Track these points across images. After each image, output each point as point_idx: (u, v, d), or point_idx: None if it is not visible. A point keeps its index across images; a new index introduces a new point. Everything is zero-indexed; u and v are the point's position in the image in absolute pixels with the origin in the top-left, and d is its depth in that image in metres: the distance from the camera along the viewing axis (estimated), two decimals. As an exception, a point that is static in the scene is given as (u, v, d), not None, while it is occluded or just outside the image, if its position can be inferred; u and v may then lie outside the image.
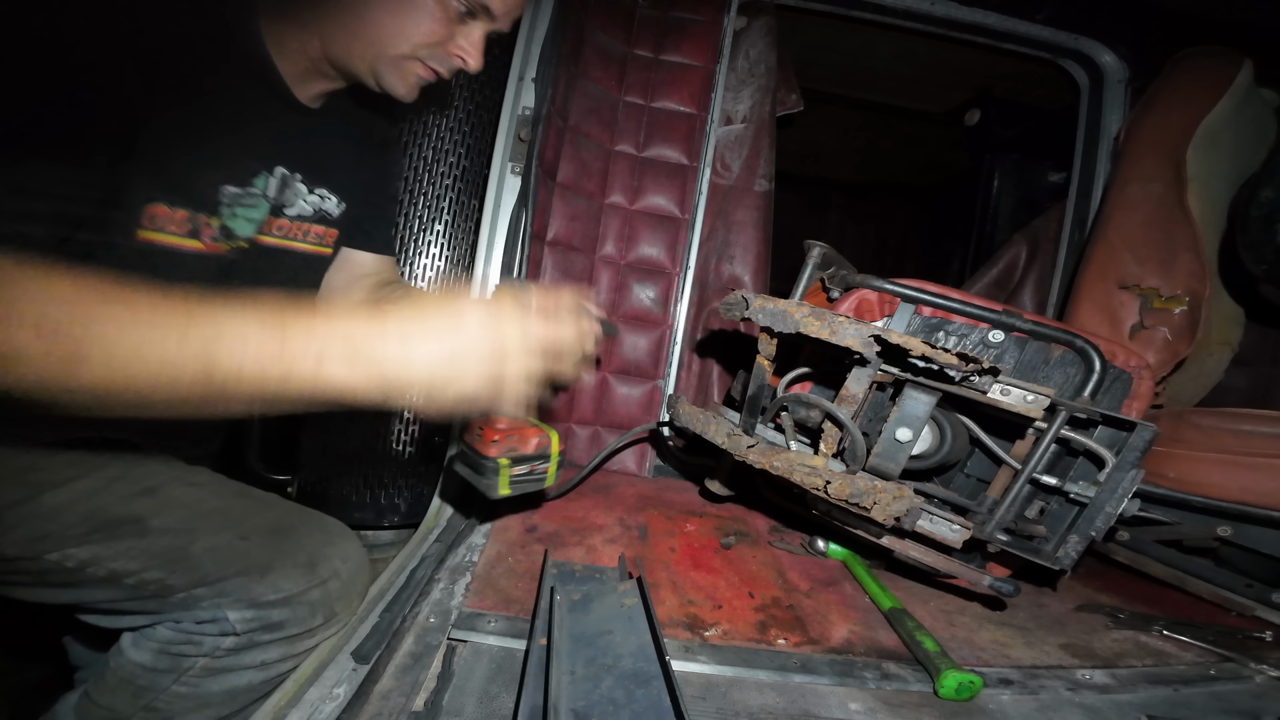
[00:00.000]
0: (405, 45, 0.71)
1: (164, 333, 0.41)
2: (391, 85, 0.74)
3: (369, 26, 0.70)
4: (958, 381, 0.73)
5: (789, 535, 1.11)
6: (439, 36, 0.72)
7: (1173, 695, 0.75)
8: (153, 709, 0.69)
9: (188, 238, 0.70)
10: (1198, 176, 1.23)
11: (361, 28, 0.70)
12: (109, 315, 0.40)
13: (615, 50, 1.37)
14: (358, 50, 0.71)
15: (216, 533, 0.70)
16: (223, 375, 0.42)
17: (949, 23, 1.52)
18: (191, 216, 0.69)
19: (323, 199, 0.84)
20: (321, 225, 0.87)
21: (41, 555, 0.63)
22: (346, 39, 0.70)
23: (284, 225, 0.83)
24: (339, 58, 0.72)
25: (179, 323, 0.42)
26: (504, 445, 0.72)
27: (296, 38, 0.71)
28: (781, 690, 0.67)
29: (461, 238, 1.29)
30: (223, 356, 0.42)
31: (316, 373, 0.44)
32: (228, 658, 0.70)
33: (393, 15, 0.69)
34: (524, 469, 0.74)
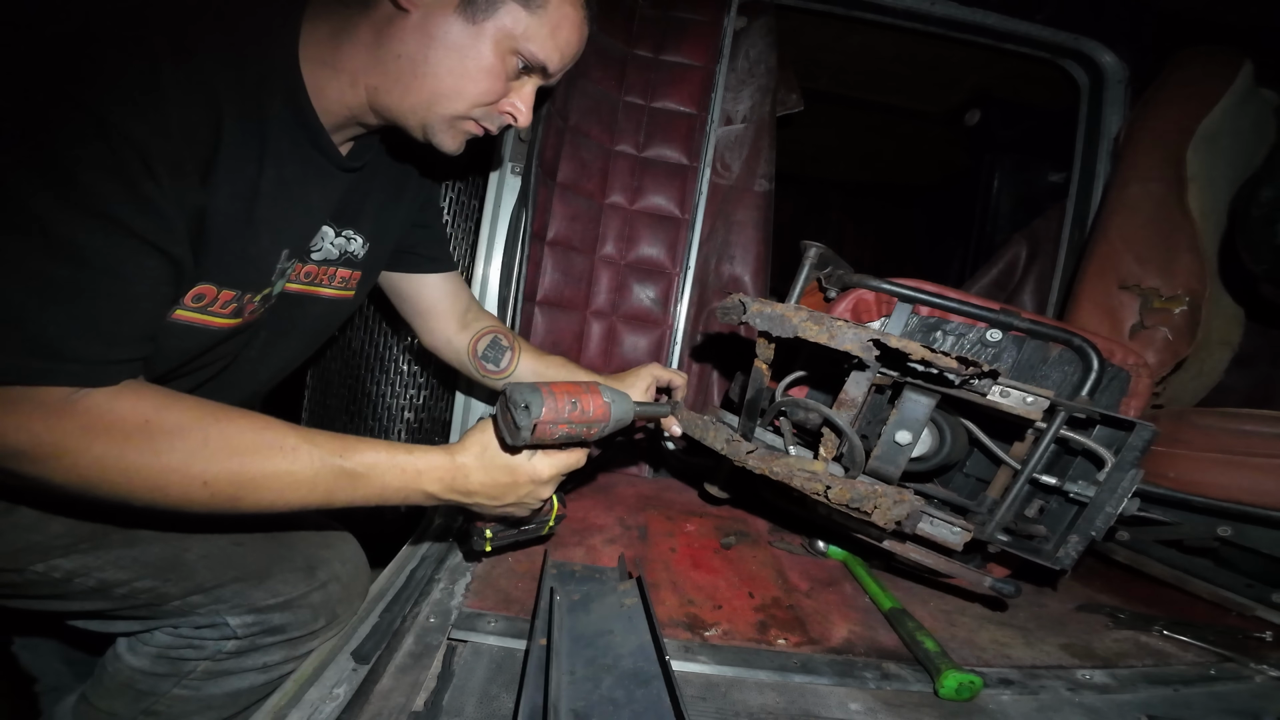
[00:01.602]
0: (462, 105, 0.68)
1: (302, 481, 0.57)
2: (441, 142, 0.71)
3: (427, 83, 0.66)
4: (957, 385, 0.73)
5: (789, 535, 1.11)
6: (496, 94, 0.69)
7: (1173, 695, 0.75)
8: (154, 712, 0.69)
9: (229, 317, 0.67)
10: (1198, 176, 1.23)
11: (419, 84, 0.66)
12: (254, 467, 0.55)
13: (615, 50, 1.37)
14: (410, 106, 0.67)
15: (210, 539, 0.70)
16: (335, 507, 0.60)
17: (949, 23, 1.52)
18: (238, 296, 0.67)
19: (349, 240, 0.81)
20: (347, 268, 0.83)
21: (26, 567, 0.62)
22: (400, 94, 0.67)
23: (310, 271, 0.79)
24: (388, 110, 0.69)
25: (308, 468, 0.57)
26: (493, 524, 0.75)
27: (338, 88, 0.67)
28: (781, 690, 0.67)
29: (462, 238, 1.29)
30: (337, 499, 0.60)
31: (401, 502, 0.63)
32: (229, 660, 0.70)
33: (451, 74, 0.65)
34: (510, 532, 0.76)
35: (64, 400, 0.49)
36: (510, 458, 0.66)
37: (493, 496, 0.66)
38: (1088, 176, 1.60)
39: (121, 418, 0.51)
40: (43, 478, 0.50)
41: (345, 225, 0.81)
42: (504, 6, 0.64)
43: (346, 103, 0.68)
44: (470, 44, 0.64)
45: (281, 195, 0.66)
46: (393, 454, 0.62)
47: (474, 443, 0.66)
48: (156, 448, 0.52)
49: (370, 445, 0.62)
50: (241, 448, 0.55)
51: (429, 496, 0.64)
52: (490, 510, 0.69)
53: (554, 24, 0.66)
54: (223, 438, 0.54)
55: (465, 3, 0.63)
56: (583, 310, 1.37)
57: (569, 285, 1.34)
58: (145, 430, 0.52)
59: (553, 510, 0.78)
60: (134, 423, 0.51)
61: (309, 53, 0.65)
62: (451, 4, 0.63)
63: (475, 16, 0.64)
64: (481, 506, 0.68)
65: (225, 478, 0.54)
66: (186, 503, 0.54)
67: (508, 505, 0.68)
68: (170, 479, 0.52)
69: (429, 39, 0.64)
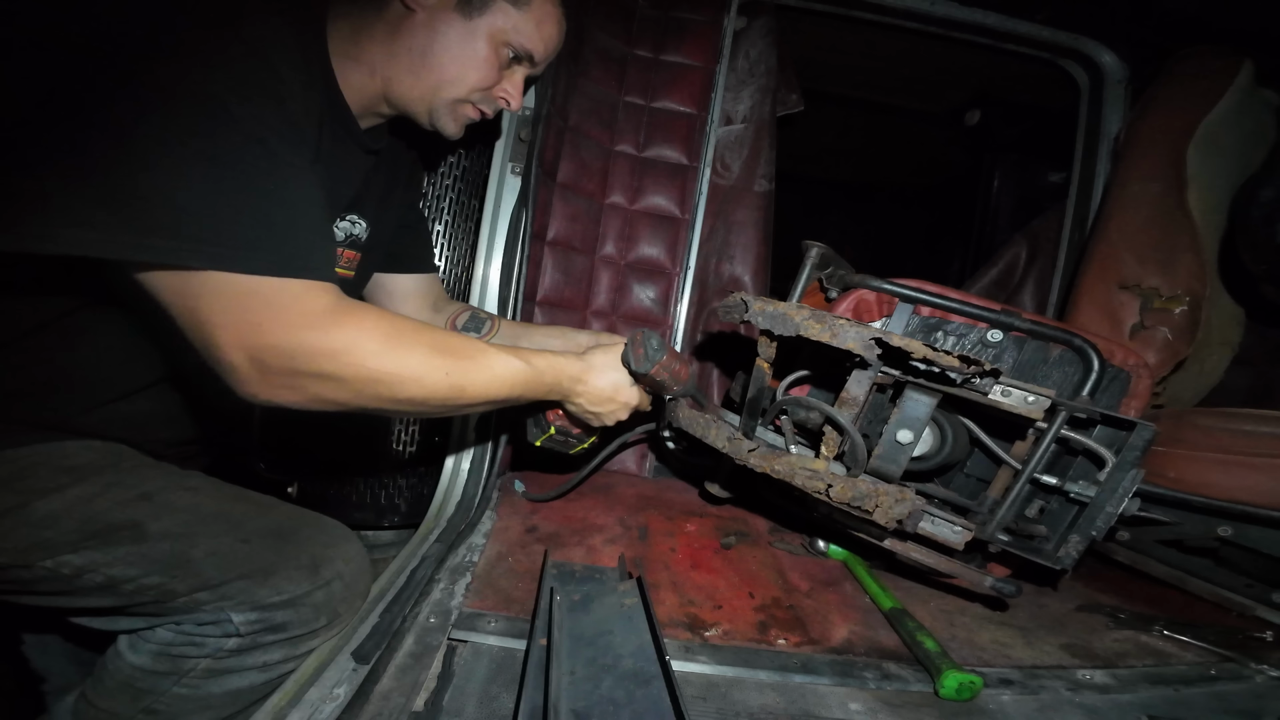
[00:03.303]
0: (462, 89, 0.79)
1: (503, 377, 0.69)
2: (444, 125, 0.82)
3: (433, 72, 0.77)
4: (959, 384, 0.73)
5: (789, 535, 1.11)
6: (491, 81, 0.80)
7: (1173, 695, 0.75)
8: (153, 711, 0.69)
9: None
10: (1198, 176, 1.23)
11: (426, 73, 0.77)
12: (467, 367, 0.66)
13: (615, 50, 1.37)
14: (418, 92, 0.78)
15: (217, 536, 0.70)
16: (516, 396, 0.72)
17: (949, 23, 1.52)
18: None
19: (353, 224, 0.89)
20: (352, 250, 0.91)
21: (35, 563, 0.63)
22: (411, 82, 0.77)
23: None
24: (400, 98, 0.79)
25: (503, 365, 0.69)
26: (559, 422, 0.91)
27: (359, 78, 0.77)
28: (782, 690, 0.67)
29: (461, 238, 1.29)
30: (521, 386, 0.72)
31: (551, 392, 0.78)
32: (230, 659, 0.70)
33: (454, 61, 0.77)
34: (561, 439, 0.93)
35: (335, 303, 0.58)
36: (623, 379, 0.82)
37: (595, 401, 0.81)
38: (1088, 176, 1.60)
39: (375, 323, 0.60)
40: (332, 374, 0.57)
41: (351, 210, 0.88)
42: (495, 5, 0.76)
43: (366, 91, 0.78)
44: (468, 37, 0.76)
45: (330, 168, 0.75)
46: (552, 359, 0.76)
47: (599, 359, 0.81)
48: (410, 347, 0.61)
49: (531, 352, 0.74)
50: (460, 350, 0.66)
51: (568, 385, 0.78)
52: (580, 408, 0.82)
53: (538, 19, 0.79)
54: (445, 342, 0.65)
55: (463, 2, 0.75)
56: (583, 310, 1.37)
57: (569, 285, 1.34)
58: (397, 333, 0.61)
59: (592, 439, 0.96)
60: (385, 328, 0.60)
61: (334, 47, 0.74)
62: (451, 3, 0.75)
63: (471, 14, 0.76)
64: (578, 405, 0.82)
65: (458, 372, 0.64)
66: (434, 396, 0.63)
67: (595, 411, 0.82)
68: (426, 373, 0.62)
69: (434, 34, 0.75)
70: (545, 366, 0.75)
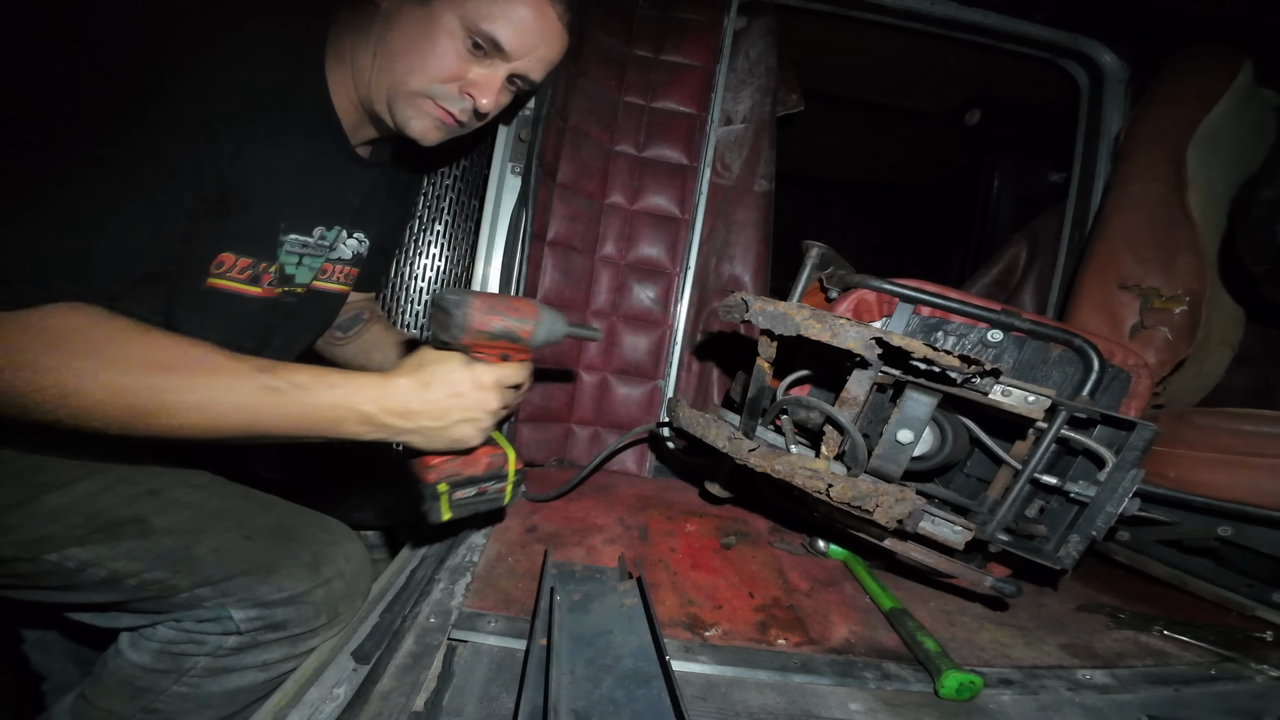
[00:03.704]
0: (420, 80, 0.72)
1: (219, 399, 0.55)
2: (404, 121, 0.75)
3: (393, 65, 0.71)
4: (959, 384, 0.73)
5: (789, 535, 1.11)
6: (450, 73, 0.72)
7: (1173, 695, 0.75)
8: (153, 710, 0.69)
9: (249, 284, 0.74)
10: (1198, 176, 1.23)
11: (387, 67, 0.72)
12: (172, 383, 0.53)
13: (615, 50, 1.37)
14: (383, 90, 0.73)
15: (221, 533, 0.70)
16: (257, 432, 0.57)
17: (949, 23, 1.52)
18: (254, 264, 0.73)
19: (360, 242, 0.89)
20: (355, 266, 0.92)
21: (40, 556, 0.63)
22: (376, 80, 0.72)
23: (329, 269, 0.88)
24: (369, 98, 0.74)
25: (231, 384, 0.55)
26: (444, 469, 0.68)
27: (346, 85, 0.74)
28: (782, 690, 0.67)
29: (461, 238, 1.29)
30: (261, 421, 0.57)
31: (334, 429, 0.60)
32: (230, 657, 0.70)
33: (407, 51, 0.71)
34: (470, 491, 0.71)
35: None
36: (449, 369, 0.64)
37: (436, 415, 0.63)
38: (1088, 176, 1.60)
39: (51, 326, 0.51)
40: None
41: (358, 228, 0.88)
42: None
43: (353, 99, 0.75)
44: (422, 22, 0.70)
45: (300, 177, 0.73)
46: (324, 374, 0.60)
47: (408, 364, 0.64)
48: (75, 353, 0.51)
49: (302, 367, 0.60)
50: (162, 362, 0.53)
51: (364, 419, 0.60)
52: (437, 438, 0.64)
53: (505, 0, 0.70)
54: (145, 351, 0.53)
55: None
56: (583, 310, 1.37)
57: (569, 285, 1.34)
58: (69, 338, 0.51)
59: (509, 461, 0.73)
60: (60, 330, 0.51)
61: (334, 52, 0.72)
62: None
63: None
64: (427, 433, 0.64)
65: (141, 388, 0.52)
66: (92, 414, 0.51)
67: (455, 423, 0.64)
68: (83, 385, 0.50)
69: (390, 24, 0.71)
70: (321, 390, 0.59)
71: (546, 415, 1.34)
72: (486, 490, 0.73)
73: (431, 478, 0.67)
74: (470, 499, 0.71)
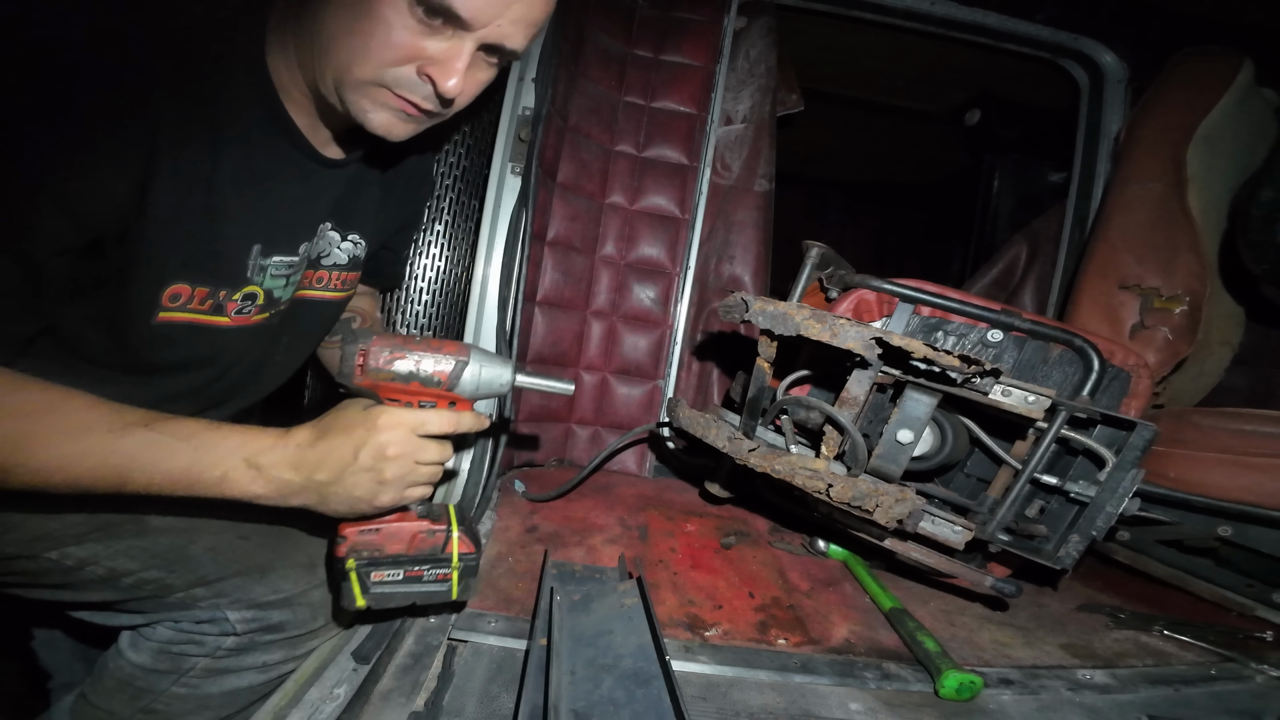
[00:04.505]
0: (370, 67, 0.58)
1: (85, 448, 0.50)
2: (361, 115, 0.61)
3: (334, 51, 0.58)
4: (959, 384, 0.73)
5: (789, 535, 1.11)
6: (402, 53, 0.57)
7: (1173, 695, 0.75)
8: (152, 710, 0.69)
9: (211, 314, 0.66)
10: (1198, 176, 1.23)
11: (328, 54, 0.59)
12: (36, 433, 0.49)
13: (615, 50, 1.37)
14: (328, 80, 0.60)
15: (217, 533, 0.70)
16: (134, 486, 0.51)
17: (949, 23, 1.52)
18: (213, 293, 0.65)
19: (355, 244, 0.81)
20: (353, 271, 0.84)
21: (40, 554, 0.63)
22: (320, 68, 0.60)
23: (322, 276, 0.80)
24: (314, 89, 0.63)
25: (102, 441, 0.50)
26: (355, 541, 0.57)
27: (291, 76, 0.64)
28: (782, 690, 0.67)
29: (461, 238, 1.29)
30: (136, 473, 0.51)
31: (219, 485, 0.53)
32: (229, 658, 0.70)
33: (349, 33, 0.56)
34: (395, 574, 0.58)
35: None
36: (348, 414, 0.55)
37: (330, 467, 0.54)
38: (1088, 176, 1.60)
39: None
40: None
41: (350, 229, 0.80)
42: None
43: (303, 90, 0.64)
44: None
45: (248, 188, 0.63)
46: (216, 426, 0.54)
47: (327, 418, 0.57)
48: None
49: (193, 419, 0.54)
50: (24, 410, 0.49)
51: (252, 471, 0.53)
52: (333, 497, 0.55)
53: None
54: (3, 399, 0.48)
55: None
56: (583, 310, 1.37)
57: (569, 285, 1.34)
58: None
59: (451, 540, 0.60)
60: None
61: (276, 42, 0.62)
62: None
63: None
64: (321, 491, 0.55)
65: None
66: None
67: (352, 476, 0.54)
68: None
69: (330, 9, 0.57)
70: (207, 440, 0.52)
71: (546, 415, 1.34)
72: (421, 576, 0.59)
73: (340, 551, 0.57)
74: (396, 586, 0.59)
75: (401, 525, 0.59)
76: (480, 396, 0.60)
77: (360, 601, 0.58)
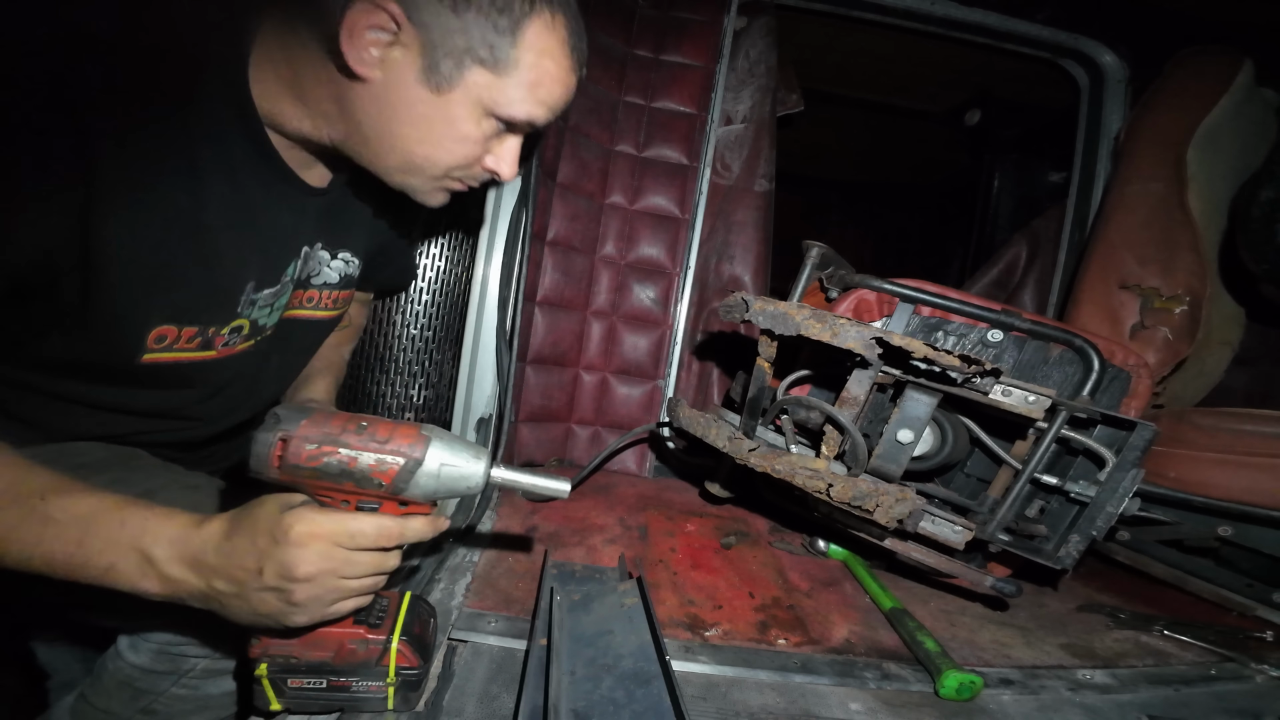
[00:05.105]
0: (438, 171, 0.63)
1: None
2: (415, 195, 0.66)
3: (396, 154, 0.61)
4: (960, 383, 0.73)
5: (789, 535, 1.11)
6: (473, 159, 0.63)
7: (1173, 695, 0.75)
8: (151, 711, 0.69)
9: (200, 350, 0.65)
10: (1198, 176, 1.23)
11: (387, 153, 0.61)
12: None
13: (615, 50, 1.37)
14: (383, 169, 0.63)
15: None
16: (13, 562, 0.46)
17: (949, 22, 1.52)
18: (201, 331, 0.64)
19: (346, 263, 0.79)
20: (345, 289, 0.82)
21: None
22: (371, 157, 0.62)
23: (312, 295, 0.78)
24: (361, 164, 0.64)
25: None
26: (269, 643, 0.50)
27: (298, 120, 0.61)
28: (782, 690, 0.67)
29: (462, 238, 1.29)
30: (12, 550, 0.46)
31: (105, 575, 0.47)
32: (228, 659, 0.70)
33: (421, 144, 0.60)
34: (315, 682, 0.51)
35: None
36: (260, 512, 0.47)
37: (239, 584, 0.46)
38: (1088, 176, 1.60)
39: None
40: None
41: (341, 248, 0.78)
42: (470, 73, 0.56)
43: (310, 137, 0.62)
44: (438, 115, 0.58)
45: (239, 223, 0.61)
46: (122, 505, 0.48)
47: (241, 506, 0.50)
48: None
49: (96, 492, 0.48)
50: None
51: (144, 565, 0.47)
52: (236, 609, 0.48)
53: (531, 82, 0.59)
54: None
55: (427, 71, 0.56)
56: (583, 310, 1.37)
57: (569, 285, 1.34)
58: None
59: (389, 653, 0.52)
60: None
61: (262, 71, 0.58)
62: (411, 74, 0.56)
63: (440, 86, 0.57)
64: (223, 600, 0.48)
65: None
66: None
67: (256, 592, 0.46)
68: None
69: (392, 111, 0.58)
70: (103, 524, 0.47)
71: (546, 415, 1.34)
72: (350, 686, 0.51)
73: (253, 652, 0.50)
74: (317, 694, 0.51)
75: (326, 631, 0.51)
76: (441, 497, 0.50)
77: (275, 705, 0.51)
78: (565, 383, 1.36)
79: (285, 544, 0.45)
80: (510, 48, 0.56)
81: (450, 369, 1.24)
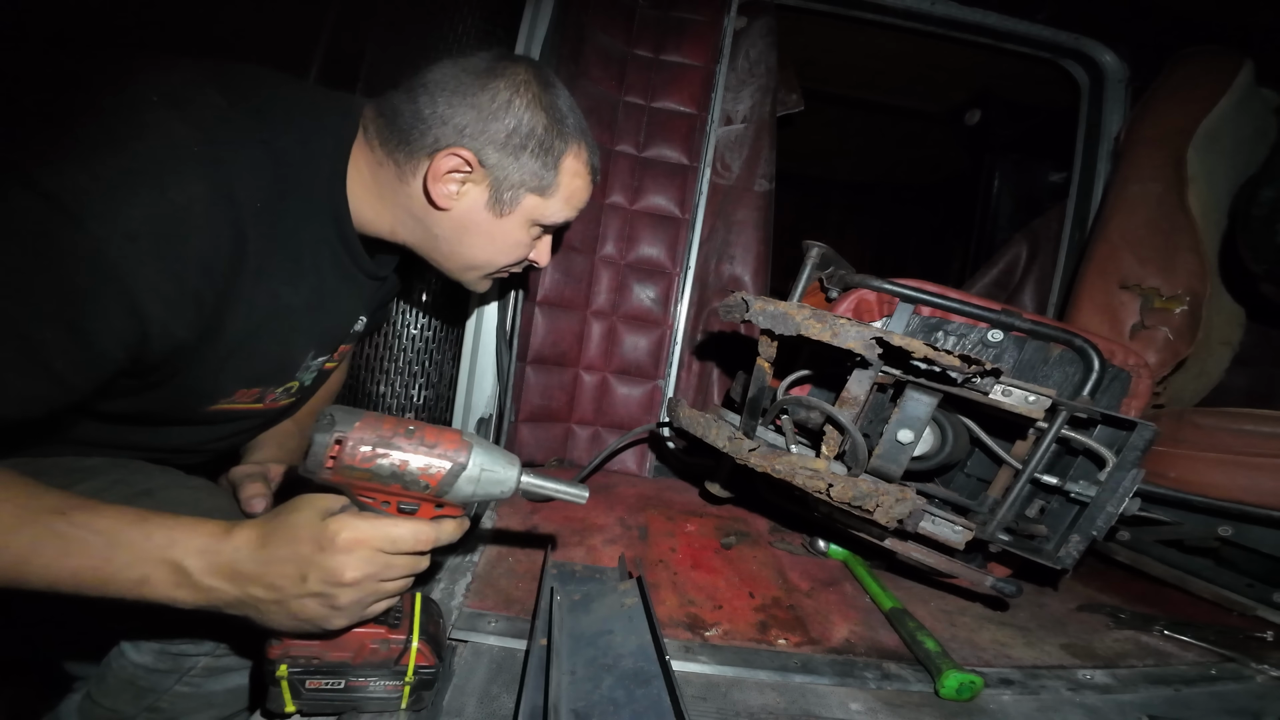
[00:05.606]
0: (494, 269, 0.81)
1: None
2: (472, 287, 0.84)
3: (463, 258, 0.77)
4: (960, 383, 0.73)
5: (789, 535, 1.11)
6: (522, 257, 0.81)
7: (1174, 695, 0.75)
8: (156, 709, 0.69)
9: (253, 403, 0.75)
10: (1198, 176, 1.23)
11: (455, 257, 0.77)
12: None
13: (615, 50, 1.37)
14: (448, 269, 0.79)
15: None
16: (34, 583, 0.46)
17: (949, 23, 1.52)
18: (263, 393, 0.74)
19: (361, 324, 0.89)
20: (352, 343, 0.91)
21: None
22: (439, 259, 0.78)
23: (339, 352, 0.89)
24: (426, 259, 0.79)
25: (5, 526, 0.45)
26: (291, 645, 0.51)
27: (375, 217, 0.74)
28: (782, 690, 0.67)
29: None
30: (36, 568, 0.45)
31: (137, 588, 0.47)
32: (229, 656, 0.70)
33: (485, 251, 0.77)
34: (333, 682, 0.52)
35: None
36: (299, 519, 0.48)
37: (280, 592, 0.47)
38: (1088, 176, 1.60)
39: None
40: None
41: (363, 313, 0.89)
42: (524, 199, 0.73)
43: (381, 232, 0.76)
44: (499, 231, 0.75)
45: (316, 308, 0.73)
46: (144, 518, 0.48)
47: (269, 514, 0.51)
48: None
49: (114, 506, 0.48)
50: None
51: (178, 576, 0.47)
52: (274, 615, 0.48)
53: (566, 197, 0.76)
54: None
55: (493, 201, 0.72)
56: (583, 310, 1.37)
57: (569, 285, 1.34)
58: None
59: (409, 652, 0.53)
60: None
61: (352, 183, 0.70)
62: (480, 203, 0.72)
63: (502, 210, 0.73)
64: (260, 607, 0.48)
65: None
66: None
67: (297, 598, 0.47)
68: None
69: (464, 230, 0.74)
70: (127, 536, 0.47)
71: (546, 415, 1.35)
72: (367, 685, 0.53)
73: (273, 653, 0.51)
74: (335, 695, 0.52)
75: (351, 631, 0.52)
76: (476, 500, 0.52)
77: (290, 707, 0.52)
78: (565, 383, 1.36)
79: (332, 550, 0.46)
80: (553, 176, 0.73)
81: (450, 369, 1.24)
